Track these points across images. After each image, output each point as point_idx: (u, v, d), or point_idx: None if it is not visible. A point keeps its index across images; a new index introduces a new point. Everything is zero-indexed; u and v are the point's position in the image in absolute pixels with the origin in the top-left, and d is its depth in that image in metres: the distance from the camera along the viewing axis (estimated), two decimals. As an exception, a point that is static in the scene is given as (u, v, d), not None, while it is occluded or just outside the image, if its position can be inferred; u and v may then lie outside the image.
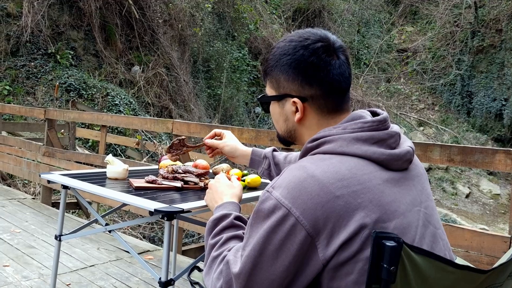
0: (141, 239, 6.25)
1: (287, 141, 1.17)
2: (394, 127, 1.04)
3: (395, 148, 1.01)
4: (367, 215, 0.88)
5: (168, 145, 1.65)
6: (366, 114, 1.05)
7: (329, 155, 0.96)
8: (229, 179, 1.36)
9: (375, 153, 0.96)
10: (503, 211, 12.79)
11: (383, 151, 0.98)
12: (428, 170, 14.05)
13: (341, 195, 0.88)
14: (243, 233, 1.07)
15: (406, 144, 1.05)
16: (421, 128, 16.30)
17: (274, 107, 1.13)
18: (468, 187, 13.80)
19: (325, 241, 0.88)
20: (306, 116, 1.07)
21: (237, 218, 1.13)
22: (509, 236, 2.15)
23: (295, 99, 1.05)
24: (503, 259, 1.00)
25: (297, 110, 1.07)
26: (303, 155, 1.03)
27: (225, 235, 1.08)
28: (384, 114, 1.04)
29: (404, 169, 1.02)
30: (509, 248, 2.04)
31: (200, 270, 1.27)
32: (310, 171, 0.92)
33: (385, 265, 0.80)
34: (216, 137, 1.70)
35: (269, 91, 1.12)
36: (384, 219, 0.90)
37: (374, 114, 1.07)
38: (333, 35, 1.08)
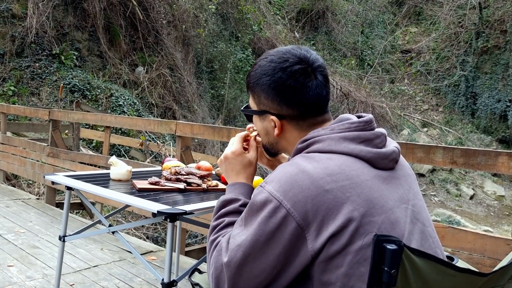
0: (144, 239, 6.27)
1: (270, 152, 1.22)
2: (380, 129, 1.08)
3: (381, 148, 1.05)
4: (355, 208, 0.92)
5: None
6: (352, 117, 1.09)
7: (319, 154, 1.01)
8: (246, 149, 1.27)
9: (362, 151, 1.00)
10: (507, 213, 12.74)
11: (369, 149, 1.02)
12: (432, 171, 14.01)
13: (330, 189, 0.92)
14: None
15: (392, 145, 1.09)
16: (425, 129, 16.25)
17: (256, 119, 1.18)
18: (472, 189, 13.74)
19: (314, 233, 0.91)
20: (286, 131, 1.12)
21: (244, 205, 1.13)
22: (512, 238, 2.14)
23: (273, 117, 1.11)
24: (504, 262, 1.00)
25: (276, 126, 1.12)
26: (294, 155, 1.07)
27: (227, 220, 1.10)
28: (369, 115, 1.08)
29: (391, 168, 1.05)
30: (512, 250, 2.03)
31: (200, 272, 1.28)
32: (301, 166, 0.96)
33: (386, 268, 0.80)
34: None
35: (252, 104, 1.17)
36: (372, 213, 0.93)
37: (359, 118, 1.11)
38: (313, 51, 1.11)
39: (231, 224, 1.08)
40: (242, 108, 1.22)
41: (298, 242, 0.93)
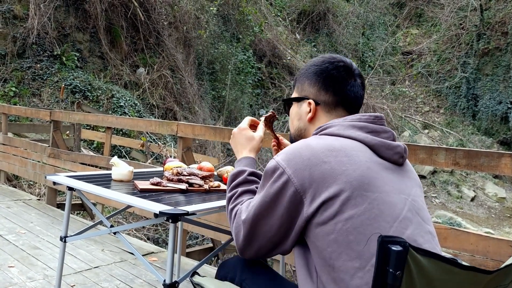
0: (145, 240, 6.26)
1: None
2: (391, 130, 1.18)
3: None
4: (349, 181, 1.01)
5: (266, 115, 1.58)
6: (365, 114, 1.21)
7: (327, 136, 1.14)
8: (255, 126, 1.51)
9: (367, 137, 1.12)
10: (508, 215, 12.70)
11: (375, 137, 1.11)
12: (433, 172, 13.99)
13: (328, 161, 1.04)
14: (256, 187, 1.28)
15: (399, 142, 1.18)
16: (426, 130, 16.23)
17: (293, 107, 1.33)
18: (474, 190, 13.71)
19: (309, 198, 1.03)
20: (317, 118, 1.26)
21: (251, 174, 1.32)
22: (515, 240, 2.13)
23: (310, 101, 1.25)
24: (510, 260, 0.99)
25: (310, 111, 1.26)
26: None
27: (239, 189, 1.27)
28: (381, 114, 1.19)
29: (397, 163, 1.13)
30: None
31: (200, 275, 1.29)
32: (306, 142, 1.11)
33: (391, 270, 0.80)
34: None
35: (294, 95, 1.33)
36: (365, 189, 1.01)
37: None
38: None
39: (244, 192, 1.26)
40: (283, 99, 1.43)
41: (298, 204, 1.05)
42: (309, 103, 1.25)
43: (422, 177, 13.73)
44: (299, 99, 1.29)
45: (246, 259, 1.26)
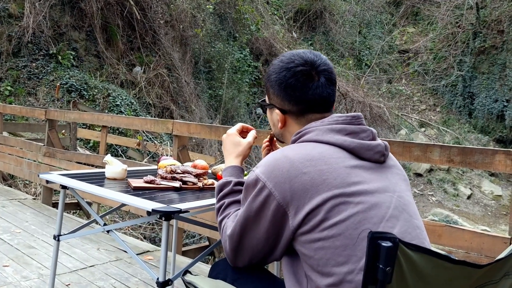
0: (141, 239, 6.24)
1: (280, 141, 1.36)
2: (369, 127, 1.16)
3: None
4: (330, 189, 1.01)
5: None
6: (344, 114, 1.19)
7: (306, 142, 1.13)
8: (247, 132, 1.48)
9: (346, 141, 1.10)
10: (504, 212, 12.74)
11: (353, 140, 1.10)
12: (430, 171, 14.02)
13: (307, 172, 1.03)
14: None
15: (379, 140, 1.17)
16: (423, 129, 16.27)
17: (268, 112, 1.33)
18: (470, 188, 13.75)
19: (293, 211, 1.03)
20: (288, 125, 1.25)
21: (237, 183, 1.30)
22: (509, 237, 2.14)
23: (277, 111, 1.24)
24: (501, 255, 0.99)
25: (279, 120, 1.25)
26: None
27: (226, 201, 1.27)
28: (358, 113, 1.19)
29: (379, 162, 1.12)
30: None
31: (192, 274, 1.29)
32: (284, 153, 1.09)
33: (381, 266, 0.79)
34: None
35: (266, 98, 1.31)
36: (348, 194, 1.01)
37: None
38: (324, 57, 1.22)
39: (231, 204, 1.26)
40: (259, 101, 1.36)
41: (282, 218, 1.05)
42: (277, 113, 1.24)
43: (418, 175, 13.77)
44: (268, 105, 1.28)
45: None
